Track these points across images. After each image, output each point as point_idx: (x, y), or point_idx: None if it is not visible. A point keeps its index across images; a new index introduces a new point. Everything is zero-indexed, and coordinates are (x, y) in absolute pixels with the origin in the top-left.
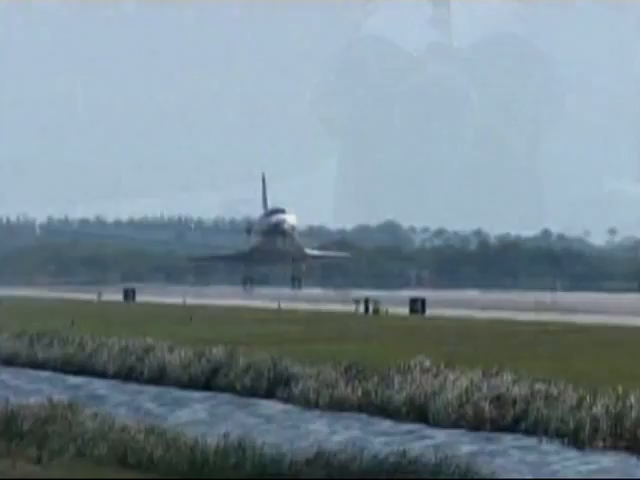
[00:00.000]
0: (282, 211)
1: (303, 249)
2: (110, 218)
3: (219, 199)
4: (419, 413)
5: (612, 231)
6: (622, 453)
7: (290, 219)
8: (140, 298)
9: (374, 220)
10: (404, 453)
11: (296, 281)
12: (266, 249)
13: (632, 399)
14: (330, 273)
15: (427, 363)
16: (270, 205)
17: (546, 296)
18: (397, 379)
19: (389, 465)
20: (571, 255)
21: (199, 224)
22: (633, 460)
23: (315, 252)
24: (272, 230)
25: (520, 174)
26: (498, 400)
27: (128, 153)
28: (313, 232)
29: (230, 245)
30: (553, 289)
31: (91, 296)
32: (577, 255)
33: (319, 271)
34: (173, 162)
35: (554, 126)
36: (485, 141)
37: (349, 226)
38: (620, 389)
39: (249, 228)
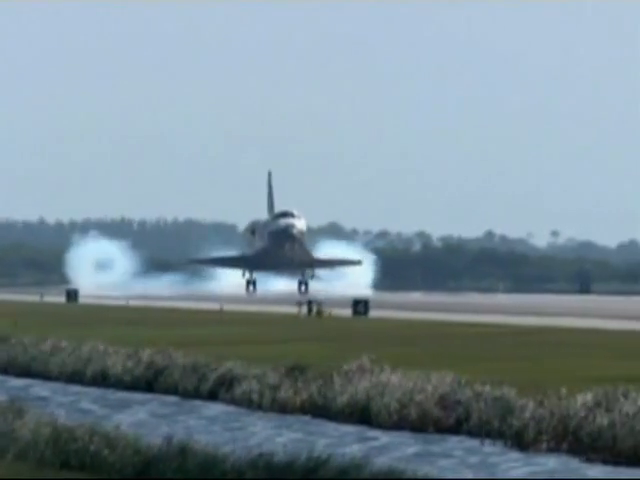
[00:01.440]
0: (291, 214)
1: (311, 254)
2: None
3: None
4: (362, 415)
5: (554, 233)
6: (565, 455)
7: (299, 224)
8: (83, 300)
9: (317, 222)
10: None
11: (303, 286)
12: (272, 254)
13: (575, 401)
14: None
15: (370, 365)
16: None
17: (489, 298)
18: (340, 381)
19: (330, 466)
20: (514, 257)
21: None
22: (575, 462)
23: (323, 257)
24: (280, 234)
25: (464, 175)
26: (441, 401)
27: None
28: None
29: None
30: (496, 291)
31: (33, 297)
32: (520, 257)
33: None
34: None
35: (496, 126)
36: (427, 142)
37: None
38: (563, 391)
39: (253, 229)
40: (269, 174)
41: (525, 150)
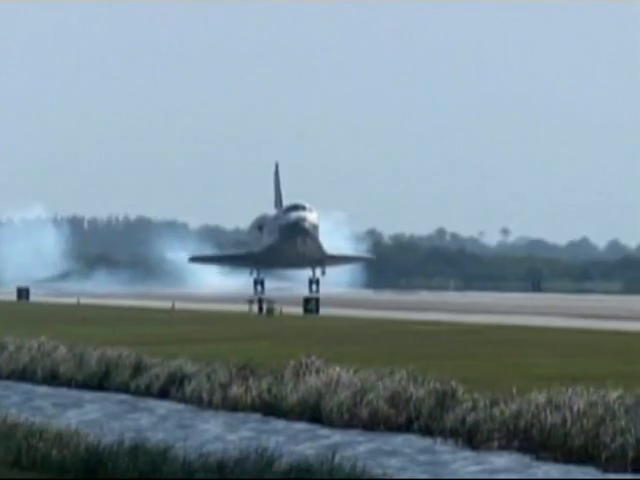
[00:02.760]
0: (303, 207)
1: (323, 250)
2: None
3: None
4: (313, 413)
5: (505, 231)
6: (516, 453)
7: (311, 217)
8: (34, 298)
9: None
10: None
11: (314, 284)
12: (283, 250)
13: (526, 399)
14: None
15: (321, 362)
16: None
17: (440, 296)
18: (290, 379)
19: (283, 465)
20: (465, 255)
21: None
22: (526, 460)
23: (336, 253)
24: (291, 229)
25: (415, 174)
26: (392, 400)
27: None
28: (209, 231)
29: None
30: (447, 289)
31: None
32: (471, 255)
33: None
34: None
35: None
36: (377, 139)
37: (244, 225)
38: (514, 389)
39: (261, 224)
40: (276, 166)
41: (476, 148)
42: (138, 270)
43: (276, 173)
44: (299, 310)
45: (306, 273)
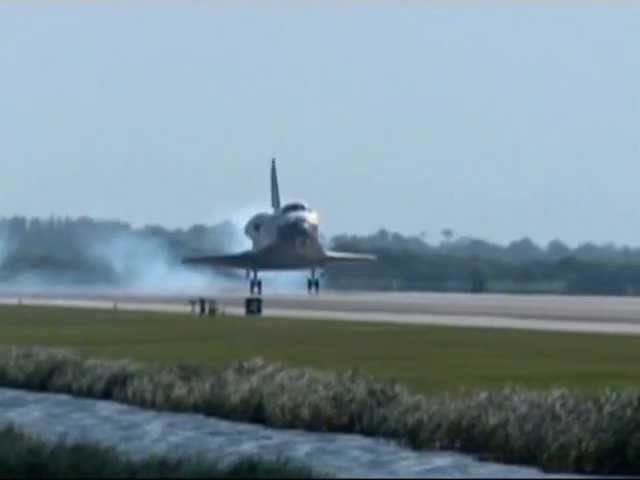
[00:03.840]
0: (302, 207)
1: (323, 251)
2: None
3: None
4: (255, 414)
5: (447, 232)
6: (458, 453)
7: (311, 217)
8: None
9: (210, 220)
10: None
11: (313, 286)
12: (281, 251)
13: (468, 399)
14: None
15: (263, 363)
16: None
17: (383, 296)
18: (233, 379)
19: (226, 465)
20: (407, 255)
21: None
22: (468, 460)
23: (335, 254)
24: (290, 230)
25: (357, 174)
26: (335, 400)
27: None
28: (149, 231)
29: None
30: (390, 289)
31: None
32: (413, 255)
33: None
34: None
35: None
36: (318, 141)
37: (185, 226)
38: (457, 389)
39: (257, 224)
40: (273, 162)
41: (417, 148)
42: (80, 271)
43: (273, 170)
44: (241, 311)
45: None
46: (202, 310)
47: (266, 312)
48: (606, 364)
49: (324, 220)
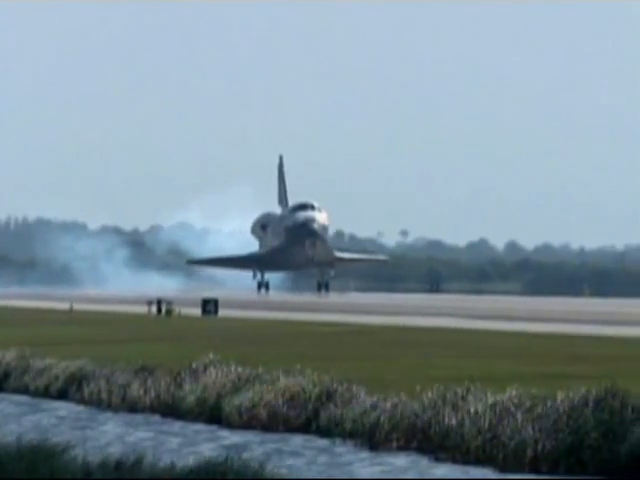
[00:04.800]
0: (311, 207)
1: (333, 252)
2: None
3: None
4: (212, 414)
5: (404, 232)
6: (414, 454)
7: (321, 217)
8: None
9: (166, 221)
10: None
11: (323, 287)
12: (289, 252)
13: (424, 399)
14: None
15: (220, 363)
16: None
17: (340, 297)
18: (189, 380)
19: (183, 465)
20: None
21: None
22: (424, 460)
23: (346, 255)
24: (299, 230)
25: (312, 174)
26: (291, 400)
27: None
28: (106, 231)
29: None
30: (347, 290)
31: None
32: None
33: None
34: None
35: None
36: (279, 142)
37: (142, 226)
38: (413, 389)
39: (264, 224)
40: (280, 159)
41: (373, 148)
42: (37, 271)
43: (280, 167)
44: (198, 311)
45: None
46: (159, 311)
47: (223, 313)
48: (562, 365)
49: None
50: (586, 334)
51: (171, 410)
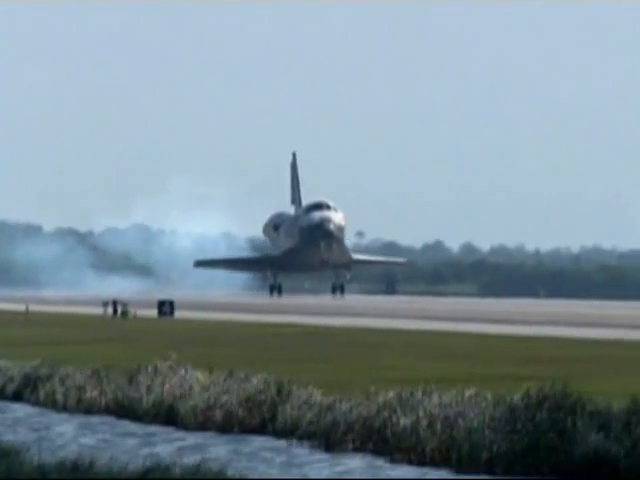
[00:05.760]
0: (327, 206)
1: (350, 254)
2: None
3: None
4: (167, 415)
5: (359, 234)
6: (370, 455)
7: (337, 217)
8: None
9: (123, 222)
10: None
11: (338, 290)
12: (304, 254)
13: (380, 401)
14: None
15: (176, 365)
16: (305, 195)
17: (296, 299)
18: (145, 381)
19: (139, 467)
20: None
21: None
22: (380, 461)
23: (363, 257)
24: (314, 231)
25: (267, 176)
26: (247, 402)
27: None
28: (62, 232)
29: None
30: (301, 291)
31: None
32: None
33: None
34: None
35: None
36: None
37: (98, 228)
38: (369, 391)
39: (277, 224)
40: (294, 156)
41: (329, 149)
42: None
43: (293, 164)
44: (154, 313)
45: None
46: (114, 312)
47: (179, 314)
48: (517, 366)
49: (236, 223)
50: (541, 335)
51: (127, 412)
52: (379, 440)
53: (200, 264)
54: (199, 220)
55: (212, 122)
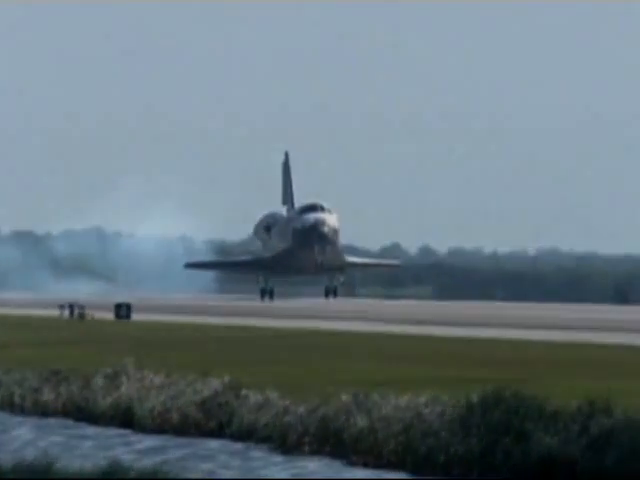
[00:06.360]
0: (321, 208)
1: (344, 257)
2: None
3: None
4: (125, 418)
5: None
6: (327, 458)
7: (331, 219)
8: None
9: (79, 224)
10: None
11: (331, 293)
12: (297, 257)
13: (337, 403)
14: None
15: (132, 367)
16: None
17: (250, 301)
18: (102, 384)
19: (96, 469)
20: None
21: None
22: (337, 464)
23: (358, 260)
24: (308, 234)
25: (200, 179)
26: (203, 405)
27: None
28: (19, 235)
29: None
30: (246, 294)
31: None
32: None
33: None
34: None
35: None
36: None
37: (55, 230)
38: (326, 393)
39: (269, 225)
40: (286, 155)
41: (275, 151)
42: None
43: (286, 164)
44: (111, 315)
45: None
46: (71, 314)
47: (137, 317)
48: (474, 369)
49: (192, 225)
50: (499, 338)
51: (84, 414)
52: (336, 443)
53: (191, 266)
54: (157, 222)
55: (182, 123)
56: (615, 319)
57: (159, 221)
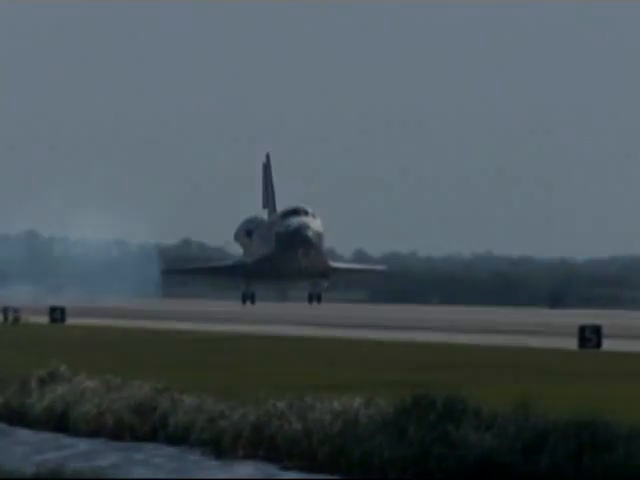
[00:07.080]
0: (304, 212)
1: (328, 262)
2: None
3: None
4: (59, 422)
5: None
6: (261, 462)
7: (315, 224)
8: None
9: (14, 228)
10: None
11: (315, 299)
12: (280, 262)
13: (270, 407)
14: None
15: (66, 371)
16: (278, 198)
17: (192, 305)
18: (36, 387)
19: (28, 474)
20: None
21: None
22: (271, 468)
23: (342, 265)
24: (291, 238)
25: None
26: (138, 409)
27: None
28: None
29: None
30: (199, 297)
31: None
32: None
33: None
34: None
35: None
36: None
37: (13, 233)
38: (259, 397)
39: (250, 229)
40: (267, 157)
41: (231, 152)
42: None
43: (266, 166)
44: (46, 319)
45: None
46: (5, 318)
47: (72, 321)
48: (409, 372)
49: (136, 228)
50: (434, 342)
51: (18, 418)
52: (270, 447)
53: (169, 272)
54: (93, 226)
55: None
56: (548, 322)
57: (94, 224)
